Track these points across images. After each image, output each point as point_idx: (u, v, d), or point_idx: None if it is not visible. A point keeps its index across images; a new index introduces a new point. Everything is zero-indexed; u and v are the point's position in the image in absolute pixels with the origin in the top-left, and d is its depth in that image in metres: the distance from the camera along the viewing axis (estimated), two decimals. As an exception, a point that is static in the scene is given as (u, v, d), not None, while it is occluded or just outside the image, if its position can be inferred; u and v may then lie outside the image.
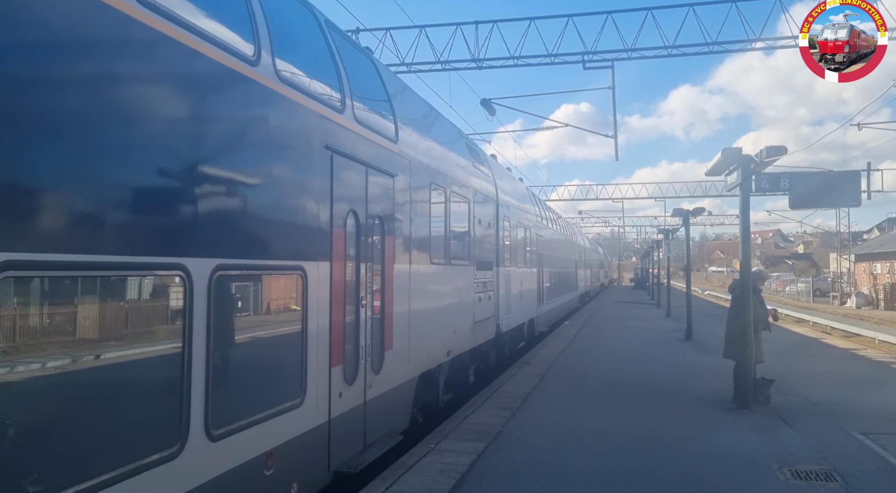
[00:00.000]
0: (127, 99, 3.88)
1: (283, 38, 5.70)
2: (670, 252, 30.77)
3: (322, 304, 5.97)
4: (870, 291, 47.72)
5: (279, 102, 5.44)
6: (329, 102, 6.40)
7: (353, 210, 6.68)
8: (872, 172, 37.24)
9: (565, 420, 9.18)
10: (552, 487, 6.45)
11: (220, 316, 4.51)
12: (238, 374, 4.84)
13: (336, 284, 6.22)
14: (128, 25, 3.83)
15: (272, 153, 5.38)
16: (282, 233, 5.46)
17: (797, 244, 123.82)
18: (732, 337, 10.51)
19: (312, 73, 6.31)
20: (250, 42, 5.11)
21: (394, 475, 6.68)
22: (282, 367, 5.45)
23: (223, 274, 4.55)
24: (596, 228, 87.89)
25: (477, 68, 22.66)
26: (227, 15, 5.06)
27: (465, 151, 12.13)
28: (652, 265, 51.85)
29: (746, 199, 10.38)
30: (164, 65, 4.21)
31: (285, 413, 5.30)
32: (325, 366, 5.99)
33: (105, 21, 3.70)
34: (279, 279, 5.57)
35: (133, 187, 3.89)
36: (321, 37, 6.77)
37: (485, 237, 12.59)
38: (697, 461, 7.34)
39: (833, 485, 6.59)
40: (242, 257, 4.89)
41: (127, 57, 3.90)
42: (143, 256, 3.89)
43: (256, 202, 5.12)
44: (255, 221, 5.11)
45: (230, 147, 4.89)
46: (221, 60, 4.68)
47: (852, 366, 15.09)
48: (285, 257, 5.51)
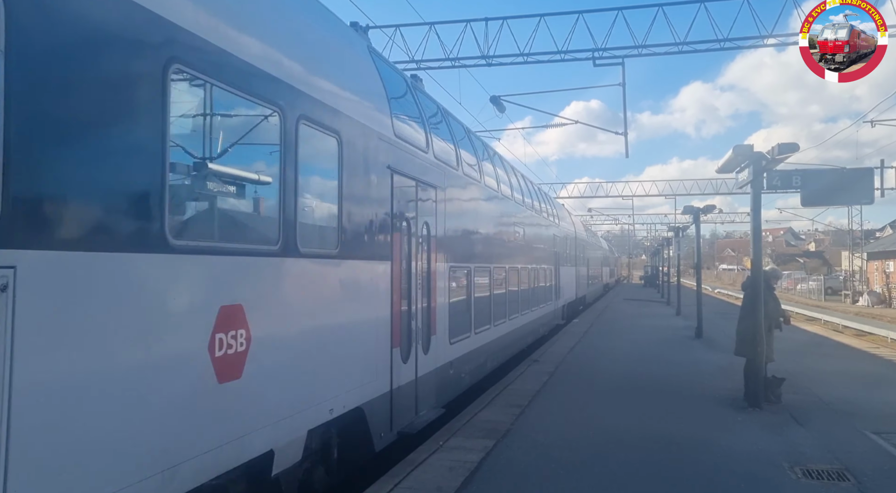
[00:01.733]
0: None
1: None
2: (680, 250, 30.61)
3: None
4: (882, 289, 47.31)
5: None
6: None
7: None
8: (886, 170, 36.90)
9: (574, 418, 9.16)
10: (561, 484, 6.43)
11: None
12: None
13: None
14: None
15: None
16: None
17: (809, 242, 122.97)
18: (744, 335, 10.45)
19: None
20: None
21: (403, 471, 6.68)
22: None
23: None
24: (606, 226, 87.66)
25: (486, 65, 22.65)
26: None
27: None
28: (662, 263, 51.60)
29: (758, 196, 10.30)
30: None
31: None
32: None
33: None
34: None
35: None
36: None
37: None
38: (708, 459, 7.30)
39: (845, 485, 6.54)
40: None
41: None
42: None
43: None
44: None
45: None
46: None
47: (865, 365, 14.96)
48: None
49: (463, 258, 10.77)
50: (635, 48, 21.53)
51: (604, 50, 21.54)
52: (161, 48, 3.95)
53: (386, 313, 7.24)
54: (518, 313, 15.52)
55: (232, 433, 4.48)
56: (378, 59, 8.09)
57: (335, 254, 6.15)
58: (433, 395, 8.98)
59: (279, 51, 5.31)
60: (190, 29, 4.18)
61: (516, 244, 15.90)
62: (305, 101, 5.54)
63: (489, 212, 13.13)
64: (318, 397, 5.71)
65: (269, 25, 5.40)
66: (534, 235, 18.48)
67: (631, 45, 21.55)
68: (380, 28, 22.24)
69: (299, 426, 5.40)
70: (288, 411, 5.21)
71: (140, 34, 3.82)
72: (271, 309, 5.00)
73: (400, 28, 22.47)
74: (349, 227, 6.39)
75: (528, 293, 16.82)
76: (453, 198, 10.25)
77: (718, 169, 11.46)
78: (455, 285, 10.30)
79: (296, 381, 5.34)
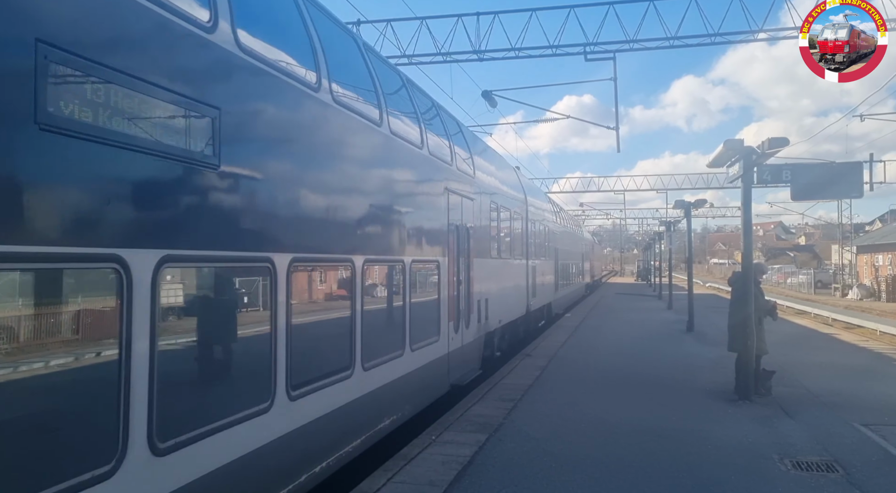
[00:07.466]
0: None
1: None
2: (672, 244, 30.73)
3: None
4: (871, 282, 47.65)
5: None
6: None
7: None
8: (875, 164, 37.20)
9: (567, 412, 9.20)
10: (553, 478, 6.46)
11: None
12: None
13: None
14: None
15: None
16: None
17: (799, 236, 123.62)
18: (736, 330, 10.50)
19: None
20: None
21: (395, 466, 6.70)
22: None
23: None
24: (598, 221, 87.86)
25: (478, 60, 22.61)
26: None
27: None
28: (654, 258, 51.75)
29: (748, 190, 10.35)
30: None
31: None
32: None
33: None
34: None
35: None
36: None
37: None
38: (698, 452, 7.35)
39: (834, 476, 6.60)
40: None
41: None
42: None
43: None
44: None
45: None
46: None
47: (854, 357, 15.08)
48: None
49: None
50: (626, 43, 21.54)
51: (595, 44, 21.56)
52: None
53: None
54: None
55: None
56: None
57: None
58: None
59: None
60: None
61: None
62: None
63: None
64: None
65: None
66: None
67: (622, 40, 21.56)
68: (371, 23, 22.17)
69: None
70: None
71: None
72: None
73: (391, 23, 22.40)
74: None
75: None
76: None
77: (709, 163, 11.51)
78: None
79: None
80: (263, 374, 5.04)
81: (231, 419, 4.55)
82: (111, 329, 3.60)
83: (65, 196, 3.38)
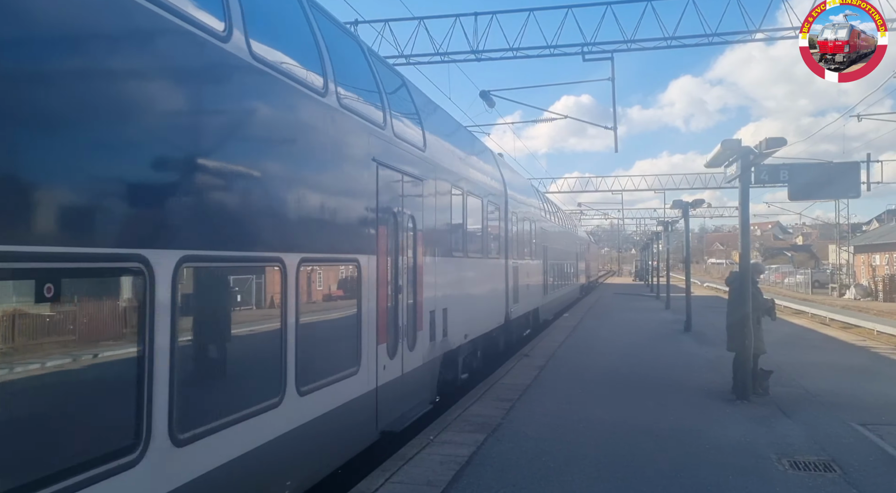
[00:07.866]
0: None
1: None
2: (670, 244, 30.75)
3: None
4: (869, 282, 47.72)
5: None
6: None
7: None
8: (872, 164, 37.26)
9: (564, 412, 9.20)
10: (551, 478, 6.46)
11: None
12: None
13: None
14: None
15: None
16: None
17: (796, 236, 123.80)
18: (734, 330, 10.51)
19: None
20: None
21: (393, 466, 6.69)
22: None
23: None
24: (596, 220, 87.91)
25: (476, 60, 22.60)
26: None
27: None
28: (651, 257, 51.81)
29: (746, 190, 10.36)
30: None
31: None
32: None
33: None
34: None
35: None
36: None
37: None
38: (696, 452, 7.36)
39: (832, 475, 6.61)
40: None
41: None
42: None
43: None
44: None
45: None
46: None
47: (851, 357, 15.11)
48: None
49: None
50: (624, 43, 21.55)
51: (593, 44, 21.56)
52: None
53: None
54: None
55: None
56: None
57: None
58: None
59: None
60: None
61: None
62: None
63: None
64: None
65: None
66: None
67: (620, 40, 21.56)
68: (369, 23, 22.15)
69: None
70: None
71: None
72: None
73: (389, 23, 22.38)
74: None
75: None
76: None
77: (707, 163, 11.53)
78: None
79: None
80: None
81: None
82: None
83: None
